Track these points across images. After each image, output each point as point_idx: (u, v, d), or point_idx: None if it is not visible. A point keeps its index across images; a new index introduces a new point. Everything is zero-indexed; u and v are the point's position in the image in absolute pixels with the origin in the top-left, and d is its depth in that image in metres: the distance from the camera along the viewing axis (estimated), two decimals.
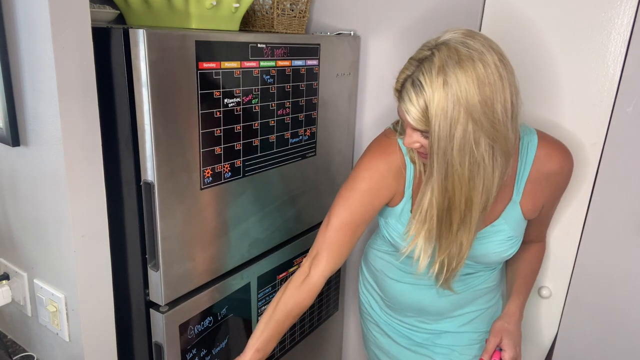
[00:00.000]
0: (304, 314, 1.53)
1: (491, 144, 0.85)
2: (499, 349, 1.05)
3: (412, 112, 0.85)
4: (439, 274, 1.00)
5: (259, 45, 1.11)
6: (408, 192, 1.04)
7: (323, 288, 1.60)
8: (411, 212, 1.03)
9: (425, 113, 0.84)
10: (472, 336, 1.17)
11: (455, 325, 1.16)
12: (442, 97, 0.81)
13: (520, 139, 0.99)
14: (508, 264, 1.19)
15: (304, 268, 1.05)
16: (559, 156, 1.01)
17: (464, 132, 0.83)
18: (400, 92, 0.88)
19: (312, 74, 1.30)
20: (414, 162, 1.02)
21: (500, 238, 1.03)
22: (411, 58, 0.88)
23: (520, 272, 1.14)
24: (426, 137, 0.89)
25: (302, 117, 1.30)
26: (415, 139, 0.91)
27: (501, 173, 0.89)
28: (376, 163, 1.03)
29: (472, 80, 0.81)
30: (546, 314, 1.30)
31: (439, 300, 1.12)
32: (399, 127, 1.05)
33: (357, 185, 1.03)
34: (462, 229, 0.93)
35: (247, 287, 1.27)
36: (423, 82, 0.83)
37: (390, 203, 1.06)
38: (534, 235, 1.16)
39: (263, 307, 1.34)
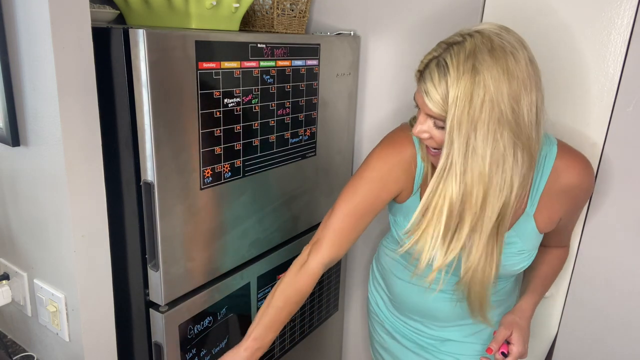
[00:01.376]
0: (304, 313, 1.53)
1: (514, 140, 0.81)
2: (507, 342, 1.04)
3: (432, 93, 0.82)
4: (468, 294, 0.96)
5: (259, 45, 1.11)
6: (416, 188, 1.02)
7: (323, 288, 1.60)
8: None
9: (446, 96, 0.81)
10: (477, 347, 1.14)
11: (461, 334, 1.14)
12: (468, 82, 0.79)
13: (540, 149, 0.93)
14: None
15: (303, 255, 1.04)
16: (578, 168, 0.96)
17: (488, 121, 0.80)
18: (422, 72, 0.86)
19: (312, 74, 1.30)
20: (424, 160, 1.00)
21: (510, 251, 0.99)
22: (441, 42, 0.86)
23: (538, 272, 1.12)
24: (438, 127, 0.86)
25: (302, 117, 1.30)
26: (426, 128, 0.88)
27: (521, 177, 0.85)
28: (387, 154, 1.02)
29: (502, 71, 0.79)
30: (546, 314, 1.30)
31: (444, 306, 1.10)
32: (414, 121, 1.04)
33: (366, 174, 1.01)
34: (474, 232, 0.88)
35: (246, 287, 1.27)
36: (449, 64, 0.80)
37: (398, 199, 1.05)
38: (556, 242, 1.13)
39: None
